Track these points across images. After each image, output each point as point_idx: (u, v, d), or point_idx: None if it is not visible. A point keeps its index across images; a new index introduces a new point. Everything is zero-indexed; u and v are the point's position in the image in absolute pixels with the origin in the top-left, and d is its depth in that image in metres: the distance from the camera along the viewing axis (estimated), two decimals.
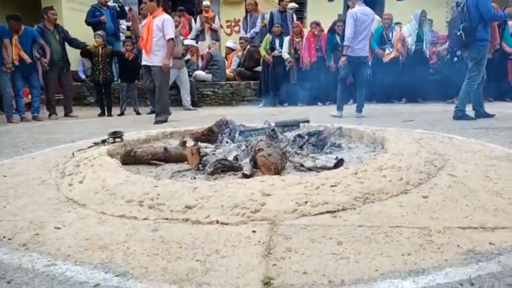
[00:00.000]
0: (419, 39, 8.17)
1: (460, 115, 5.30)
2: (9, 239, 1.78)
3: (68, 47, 7.66)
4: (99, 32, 7.80)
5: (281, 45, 8.56)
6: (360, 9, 6.06)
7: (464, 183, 2.38)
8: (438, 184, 2.37)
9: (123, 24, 10.27)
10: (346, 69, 6.15)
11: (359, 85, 6.46)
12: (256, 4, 9.99)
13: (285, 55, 8.46)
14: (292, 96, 8.59)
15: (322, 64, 8.46)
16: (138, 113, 7.68)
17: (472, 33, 5.04)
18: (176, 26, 7.29)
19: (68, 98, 7.72)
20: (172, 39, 6.01)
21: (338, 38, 8.35)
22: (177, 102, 8.48)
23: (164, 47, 5.98)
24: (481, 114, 5.40)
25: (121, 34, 9.87)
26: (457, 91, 7.63)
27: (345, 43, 5.99)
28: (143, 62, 6.20)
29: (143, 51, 6.16)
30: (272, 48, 8.62)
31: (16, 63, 6.65)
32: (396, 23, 8.88)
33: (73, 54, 8.12)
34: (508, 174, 2.54)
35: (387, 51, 8.37)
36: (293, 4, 9.76)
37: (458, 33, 5.13)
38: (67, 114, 7.52)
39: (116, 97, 8.30)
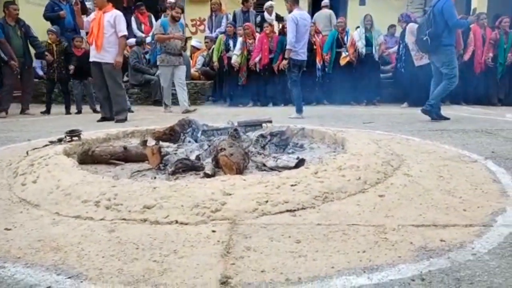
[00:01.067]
0: (369, 43, 8.43)
1: (428, 110, 5.49)
2: None
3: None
4: (52, 28, 7.53)
5: (235, 46, 8.61)
6: (299, 13, 6.23)
7: (419, 182, 2.47)
8: (394, 183, 2.45)
9: (83, 19, 9.95)
10: (296, 72, 6.33)
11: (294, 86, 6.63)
12: (220, 4, 9.97)
13: (234, 58, 8.47)
14: (241, 97, 8.67)
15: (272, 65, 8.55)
16: (95, 110, 7.45)
17: (437, 38, 5.29)
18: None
19: (28, 95, 7.42)
20: (125, 36, 5.96)
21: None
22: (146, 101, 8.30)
23: (116, 44, 5.87)
24: (438, 116, 5.63)
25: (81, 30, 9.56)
26: (410, 95, 8.00)
27: (287, 46, 6.13)
28: (92, 59, 5.97)
29: (92, 47, 5.94)
30: (227, 49, 8.65)
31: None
32: (356, 27, 9.12)
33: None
34: (460, 174, 2.66)
35: (343, 54, 8.60)
36: (270, 3, 9.77)
37: (425, 38, 5.39)
38: (23, 111, 7.20)
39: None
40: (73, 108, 7.53)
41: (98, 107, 6.99)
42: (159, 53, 7.21)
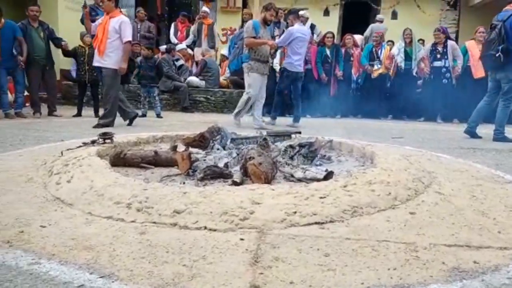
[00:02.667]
0: (408, 57, 8.33)
1: (499, 137, 5.32)
2: None
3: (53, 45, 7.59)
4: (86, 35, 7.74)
5: (272, 57, 8.66)
6: (299, 29, 6.76)
7: (450, 201, 2.41)
8: (425, 201, 2.40)
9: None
10: (285, 82, 6.80)
11: (296, 97, 7.01)
12: (251, 14, 10.09)
13: (277, 66, 8.55)
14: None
15: (310, 76, 8.57)
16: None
17: (510, 54, 5.09)
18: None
19: (52, 97, 7.64)
20: (129, 41, 5.88)
21: (328, 51, 8.54)
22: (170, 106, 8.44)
23: (118, 49, 5.79)
24: (471, 134, 5.50)
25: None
26: (443, 111, 7.86)
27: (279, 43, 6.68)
28: (95, 63, 6.00)
29: (95, 51, 5.92)
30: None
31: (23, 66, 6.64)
32: (387, 42, 9.06)
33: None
34: (494, 195, 2.59)
35: (375, 67, 8.54)
36: (304, 12, 9.83)
37: (497, 55, 5.15)
38: (50, 113, 7.42)
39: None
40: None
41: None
42: (246, 60, 6.29)
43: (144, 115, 7.71)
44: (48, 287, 1.35)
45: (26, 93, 7.57)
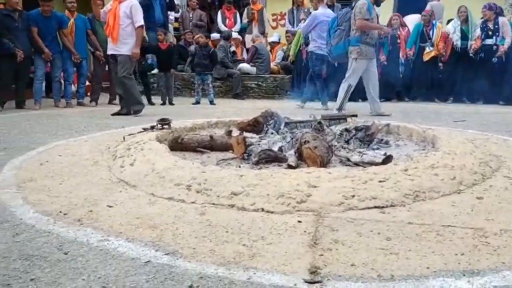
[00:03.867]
0: (464, 36, 7.81)
1: None
2: (65, 214, 1.87)
3: None
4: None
5: None
6: (322, 12, 6.72)
7: None
8: (493, 185, 2.26)
9: (171, 15, 10.49)
10: (319, 65, 6.77)
11: (319, 81, 6.99)
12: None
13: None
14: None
15: None
16: (171, 103, 7.77)
17: None
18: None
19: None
20: (142, 26, 5.57)
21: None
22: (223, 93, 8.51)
23: (132, 35, 5.53)
24: None
25: (169, 25, 10.10)
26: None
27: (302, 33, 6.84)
28: (109, 51, 5.70)
29: (109, 39, 5.64)
30: (307, 43, 8.54)
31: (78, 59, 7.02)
32: (449, 20, 8.55)
33: None
34: None
35: (427, 49, 8.08)
36: None
37: None
38: (110, 101, 7.76)
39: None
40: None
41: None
42: (356, 43, 5.64)
43: (198, 102, 7.86)
44: (117, 262, 1.42)
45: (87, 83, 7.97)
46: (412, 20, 9.27)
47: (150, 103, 7.68)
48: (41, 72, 6.84)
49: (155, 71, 8.82)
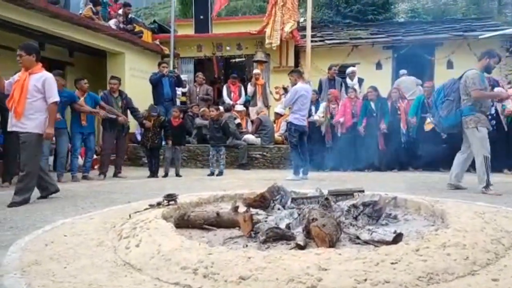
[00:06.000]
0: None
1: None
2: None
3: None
4: (154, 107, 8.21)
5: (316, 112, 8.85)
6: (302, 86, 7.23)
7: None
8: (508, 265, 2.20)
9: (179, 90, 10.95)
10: (296, 136, 7.15)
11: (304, 151, 7.33)
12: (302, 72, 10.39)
13: (316, 117, 8.69)
14: (328, 161, 8.69)
15: (355, 129, 8.59)
16: (178, 175, 7.87)
17: None
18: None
19: (120, 159, 8.15)
20: (56, 102, 4.83)
21: (372, 105, 8.52)
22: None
23: (41, 111, 4.73)
24: None
25: (177, 99, 10.51)
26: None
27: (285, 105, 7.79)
28: (11, 128, 4.77)
29: (10, 114, 4.77)
30: (309, 115, 8.82)
31: (84, 123, 7.20)
32: None
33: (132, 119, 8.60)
34: None
35: (428, 120, 8.29)
36: (352, 69, 10.14)
37: None
38: (116, 174, 7.85)
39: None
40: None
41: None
42: (470, 113, 5.35)
43: (212, 174, 7.98)
44: None
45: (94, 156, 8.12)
46: (408, 80, 9.73)
47: (155, 175, 7.75)
48: (47, 148, 6.89)
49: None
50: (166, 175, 7.88)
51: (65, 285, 2.02)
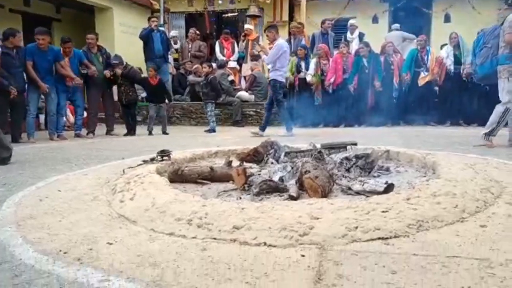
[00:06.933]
0: (457, 61, 7.99)
1: None
2: (64, 253, 1.84)
3: None
4: (117, 59, 7.93)
5: (307, 68, 8.66)
6: (283, 42, 7.23)
7: None
8: (496, 213, 2.24)
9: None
10: (281, 93, 7.11)
11: (270, 108, 7.37)
12: (301, 26, 10.13)
13: (309, 77, 8.54)
14: (317, 118, 8.65)
15: (346, 85, 8.47)
16: (165, 132, 7.84)
17: None
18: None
19: (111, 117, 8.04)
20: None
21: (365, 61, 8.40)
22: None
23: None
24: None
25: (169, 56, 10.27)
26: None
27: (266, 62, 7.39)
28: None
29: None
30: (298, 71, 8.70)
31: (70, 83, 7.05)
32: (442, 45, 8.74)
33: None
34: None
35: (422, 74, 8.23)
36: (352, 21, 9.95)
37: None
38: (108, 132, 7.81)
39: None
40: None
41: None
42: (506, 62, 4.87)
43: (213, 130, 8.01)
44: None
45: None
46: (394, 35, 9.61)
47: (133, 133, 7.74)
48: (34, 106, 6.83)
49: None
50: (150, 133, 7.82)
51: (60, 237, 2.04)
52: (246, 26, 10.79)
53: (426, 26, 11.84)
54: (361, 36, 9.68)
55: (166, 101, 8.20)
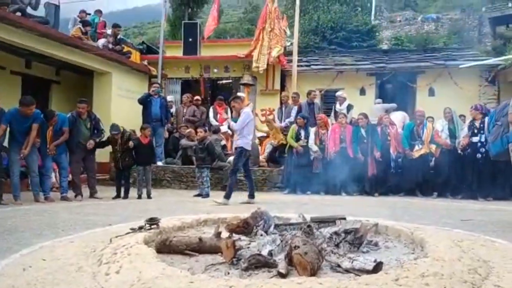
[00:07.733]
0: (452, 134, 8.28)
1: None
2: None
3: None
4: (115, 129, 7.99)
5: (306, 136, 8.88)
6: (250, 111, 7.46)
7: None
8: None
9: None
10: (242, 160, 7.16)
11: (250, 175, 7.53)
12: (289, 97, 10.57)
13: (314, 146, 8.75)
14: (315, 185, 8.72)
15: (344, 154, 8.69)
16: (149, 196, 7.81)
17: None
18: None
19: (92, 179, 7.98)
20: None
21: (363, 131, 8.70)
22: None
23: None
24: None
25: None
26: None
27: (235, 128, 7.31)
28: None
29: None
30: (297, 138, 8.92)
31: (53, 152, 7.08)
32: (427, 118, 9.06)
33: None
34: None
35: (416, 147, 8.48)
36: (341, 92, 10.43)
37: None
38: (92, 195, 7.73)
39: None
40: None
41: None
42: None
43: (200, 195, 7.98)
44: None
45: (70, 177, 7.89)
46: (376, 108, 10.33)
47: (126, 196, 7.70)
48: (17, 167, 6.76)
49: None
50: (139, 197, 7.76)
51: None
52: (238, 94, 11.17)
53: (411, 99, 12.36)
54: (349, 107, 10.06)
55: (159, 163, 8.21)
